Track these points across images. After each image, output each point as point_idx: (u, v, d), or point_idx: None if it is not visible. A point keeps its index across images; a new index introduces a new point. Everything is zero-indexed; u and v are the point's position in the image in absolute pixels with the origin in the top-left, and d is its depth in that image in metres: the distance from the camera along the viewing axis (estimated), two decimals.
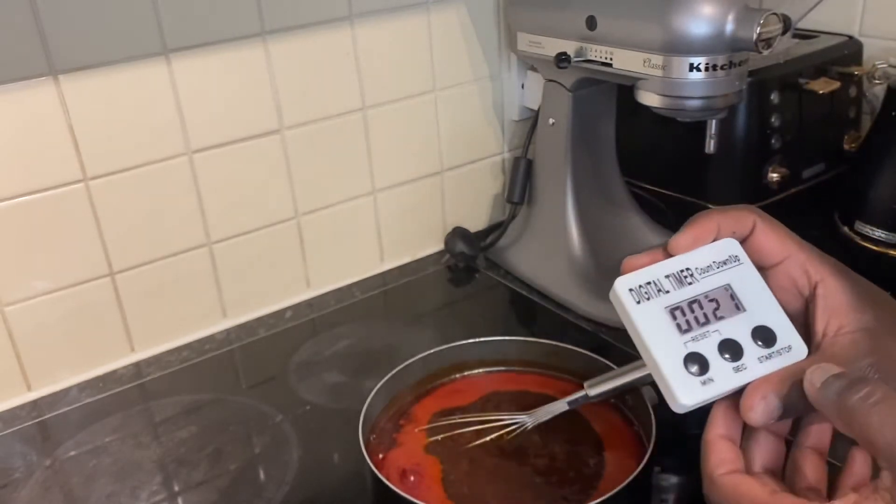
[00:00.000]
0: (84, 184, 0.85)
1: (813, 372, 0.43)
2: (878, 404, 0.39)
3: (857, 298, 0.48)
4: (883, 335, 0.46)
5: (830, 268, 0.49)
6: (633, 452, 0.65)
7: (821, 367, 0.43)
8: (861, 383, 0.40)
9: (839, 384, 0.41)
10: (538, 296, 1.00)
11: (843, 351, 0.46)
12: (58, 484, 0.75)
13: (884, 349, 0.45)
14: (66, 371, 0.90)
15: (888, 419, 0.38)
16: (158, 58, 0.85)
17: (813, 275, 0.50)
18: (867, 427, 0.39)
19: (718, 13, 0.76)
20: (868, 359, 0.45)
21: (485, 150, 1.15)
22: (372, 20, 0.97)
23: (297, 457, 0.76)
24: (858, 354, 0.45)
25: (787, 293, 0.50)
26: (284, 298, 1.03)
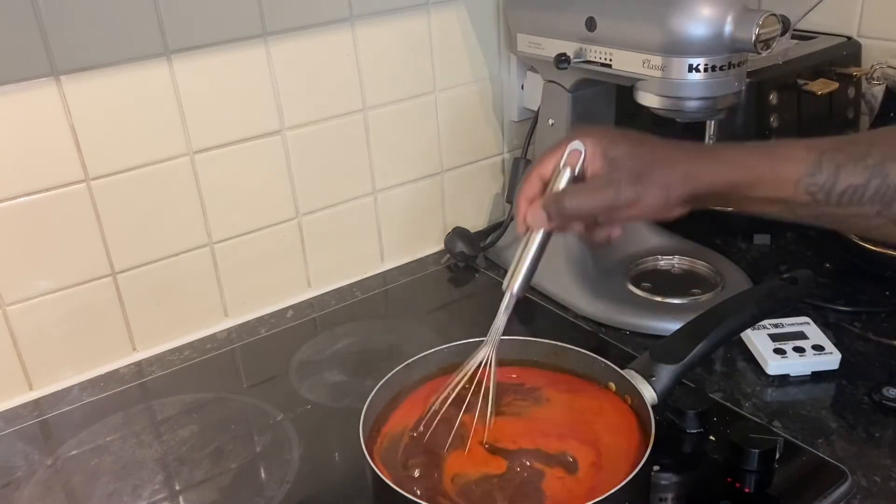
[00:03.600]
0: (86, 184, 0.85)
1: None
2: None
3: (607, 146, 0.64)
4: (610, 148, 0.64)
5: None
6: (632, 451, 0.65)
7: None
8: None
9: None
10: (538, 296, 1.00)
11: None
12: (59, 483, 0.75)
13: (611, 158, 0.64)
14: (67, 370, 0.90)
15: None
16: (160, 59, 0.85)
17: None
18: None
19: (717, 14, 0.76)
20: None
21: (485, 150, 1.15)
22: (372, 21, 0.98)
23: (298, 455, 0.76)
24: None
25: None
26: (285, 298, 1.03)
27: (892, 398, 0.76)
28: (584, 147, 0.64)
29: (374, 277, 1.09)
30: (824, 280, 0.97)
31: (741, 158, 0.62)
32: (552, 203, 0.63)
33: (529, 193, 0.66)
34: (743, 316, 0.74)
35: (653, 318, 0.90)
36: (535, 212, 0.64)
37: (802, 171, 0.59)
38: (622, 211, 0.63)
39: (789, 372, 0.81)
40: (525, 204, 0.66)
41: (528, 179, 0.66)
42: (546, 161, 0.66)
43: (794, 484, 0.69)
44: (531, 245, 0.66)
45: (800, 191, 0.60)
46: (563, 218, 0.64)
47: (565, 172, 0.64)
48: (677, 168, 0.62)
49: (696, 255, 1.01)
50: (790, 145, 0.62)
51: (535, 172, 0.66)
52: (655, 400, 0.67)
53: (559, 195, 0.64)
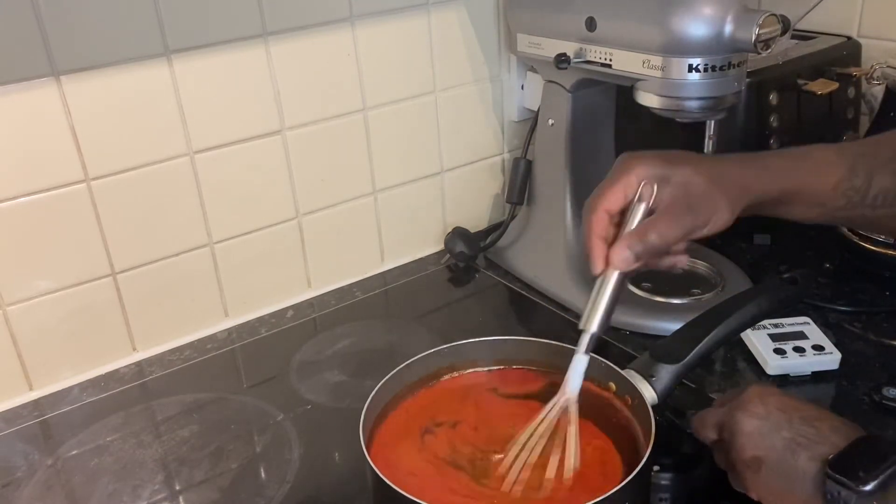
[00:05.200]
0: (86, 184, 0.85)
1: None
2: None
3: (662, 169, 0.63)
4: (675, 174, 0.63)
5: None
6: (632, 451, 0.65)
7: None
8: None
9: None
10: (538, 295, 1.01)
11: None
12: (60, 483, 0.75)
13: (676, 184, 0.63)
14: (67, 370, 0.90)
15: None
16: (160, 59, 0.85)
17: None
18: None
19: (717, 14, 0.76)
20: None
21: (485, 150, 1.15)
22: (372, 21, 0.98)
23: (298, 455, 0.76)
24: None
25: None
26: (286, 298, 1.03)
27: (892, 398, 0.76)
28: (654, 180, 0.62)
29: (374, 277, 1.09)
30: (824, 280, 0.97)
31: (785, 166, 0.65)
32: (638, 241, 0.61)
33: (601, 231, 0.64)
34: (743, 316, 0.74)
35: (653, 318, 0.90)
36: (621, 252, 0.62)
37: (840, 175, 0.63)
38: (697, 233, 0.63)
39: (789, 372, 0.81)
40: (599, 242, 0.63)
41: (596, 217, 0.64)
42: (610, 195, 0.63)
43: None
44: (609, 284, 0.63)
45: (838, 195, 0.63)
46: (651, 253, 0.62)
47: (640, 208, 0.62)
48: (736, 181, 0.63)
49: (696, 255, 1.01)
50: (824, 150, 0.65)
51: (601, 209, 0.63)
52: (655, 400, 0.67)
53: (643, 231, 0.62)
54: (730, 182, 0.63)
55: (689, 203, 0.62)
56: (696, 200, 0.62)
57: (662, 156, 0.64)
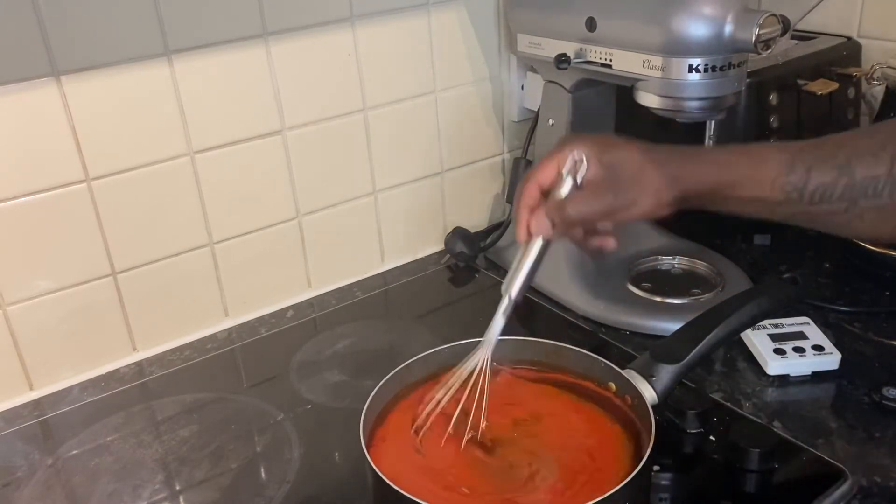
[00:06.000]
0: (86, 184, 0.85)
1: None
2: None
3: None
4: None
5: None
6: (632, 451, 0.65)
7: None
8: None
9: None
10: (538, 295, 1.01)
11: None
12: (60, 483, 0.75)
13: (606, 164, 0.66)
14: (68, 370, 0.90)
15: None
16: (160, 59, 0.85)
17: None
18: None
19: (717, 14, 0.76)
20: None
21: (485, 150, 1.15)
22: (373, 21, 0.98)
23: (298, 455, 0.76)
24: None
25: None
26: (286, 298, 1.03)
27: (892, 398, 0.76)
28: (584, 156, 0.65)
29: (374, 277, 1.09)
30: (824, 280, 0.97)
31: (724, 159, 0.67)
32: (555, 211, 0.65)
33: (529, 201, 0.67)
34: (743, 316, 0.74)
35: (653, 318, 0.90)
36: (539, 220, 0.65)
37: (777, 170, 0.63)
38: (619, 214, 0.66)
39: (789, 372, 0.81)
40: (525, 212, 0.67)
41: (527, 187, 0.67)
42: (544, 168, 0.67)
43: (794, 484, 0.69)
44: (531, 251, 0.66)
45: (776, 190, 0.64)
46: (566, 225, 0.65)
47: (567, 181, 0.65)
48: (667, 170, 0.65)
49: (696, 255, 1.01)
50: (765, 147, 0.66)
51: (533, 180, 0.67)
52: (655, 400, 0.67)
53: (562, 203, 0.65)
54: (661, 170, 0.65)
55: (612, 184, 0.65)
56: (620, 182, 0.65)
57: (601, 139, 0.67)
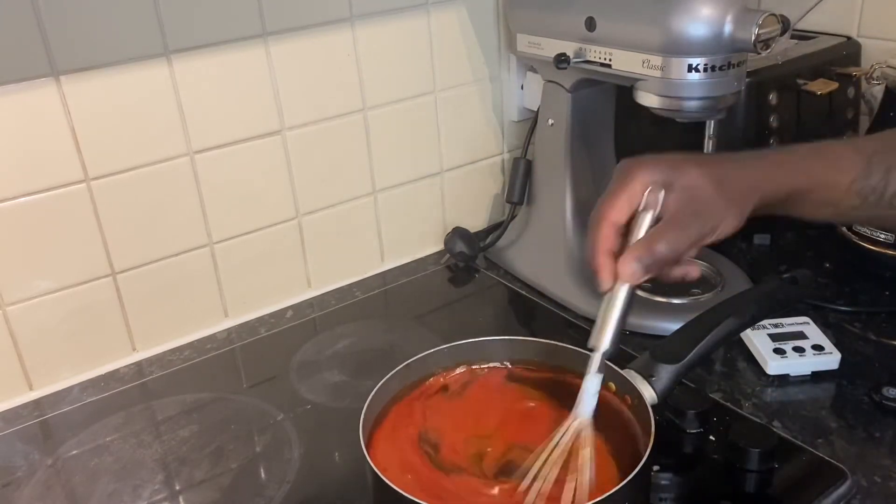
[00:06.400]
0: (86, 184, 0.85)
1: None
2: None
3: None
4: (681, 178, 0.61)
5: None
6: (632, 451, 0.65)
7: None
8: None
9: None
10: (538, 295, 1.01)
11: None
12: (60, 483, 0.75)
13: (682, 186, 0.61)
14: (67, 370, 0.90)
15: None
16: (160, 59, 0.85)
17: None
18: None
19: (717, 14, 0.76)
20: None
21: (484, 150, 1.15)
22: (372, 22, 0.98)
23: (298, 455, 0.76)
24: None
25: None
26: (285, 298, 1.03)
27: (892, 398, 0.76)
28: (659, 186, 0.60)
29: (374, 277, 1.09)
30: (824, 280, 0.97)
31: (796, 165, 0.63)
32: (646, 252, 0.59)
33: (608, 246, 0.61)
34: (743, 316, 0.74)
35: (653, 318, 0.90)
36: (629, 265, 0.59)
37: (854, 174, 0.60)
38: (706, 239, 0.61)
39: (789, 372, 0.81)
40: (607, 258, 0.61)
41: (601, 230, 0.61)
42: (615, 206, 0.61)
43: (793, 484, 0.69)
44: (618, 298, 0.61)
45: (852, 194, 0.61)
46: (660, 265, 0.60)
47: (646, 217, 0.60)
48: (744, 182, 0.61)
49: (696, 255, 1.01)
50: (839, 147, 0.63)
51: (606, 221, 0.61)
52: (655, 400, 0.67)
53: (650, 243, 0.59)
54: (737, 184, 0.61)
55: (695, 209, 0.60)
56: (703, 206, 0.60)
57: (665, 160, 0.62)
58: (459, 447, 0.67)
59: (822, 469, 0.69)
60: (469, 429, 0.69)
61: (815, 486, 0.67)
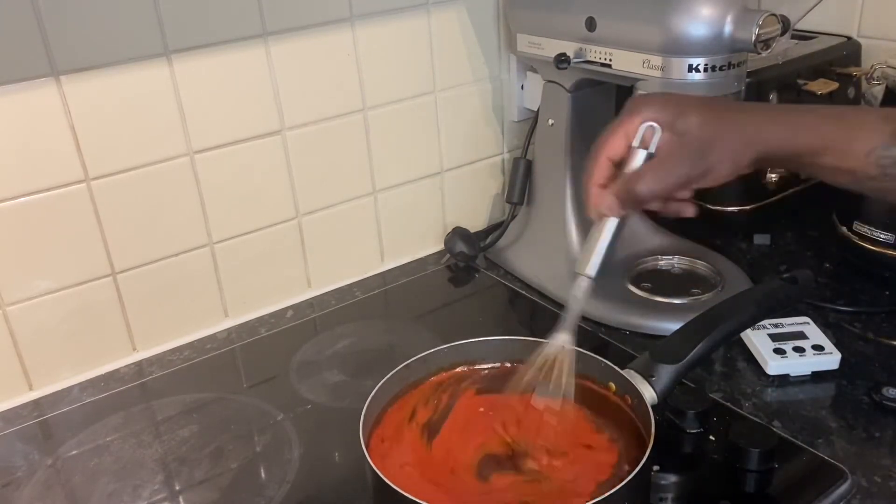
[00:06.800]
0: (86, 184, 0.85)
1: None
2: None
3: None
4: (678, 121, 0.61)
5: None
6: (632, 451, 0.65)
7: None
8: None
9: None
10: (538, 295, 1.01)
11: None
12: (59, 483, 0.75)
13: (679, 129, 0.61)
14: (67, 370, 0.90)
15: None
16: (160, 59, 0.85)
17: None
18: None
19: (717, 14, 0.76)
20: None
21: (485, 150, 1.15)
22: (372, 22, 0.98)
23: (298, 455, 0.76)
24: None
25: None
26: (285, 298, 1.03)
27: (892, 398, 0.76)
28: (655, 124, 0.61)
29: (374, 277, 1.09)
30: (824, 280, 0.97)
31: (812, 123, 0.61)
32: (625, 190, 0.61)
33: (600, 178, 0.63)
34: (743, 316, 0.74)
35: (653, 318, 0.90)
36: (608, 199, 0.62)
37: (876, 142, 0.57)
38: (695, 183, 0.62)
39: (789, 372, 0.81)
40: (596, 189, 0.63)
41: (597, 162, 0.63)
42: (612, 140, 0.63)
43: (793, 484, 0.69)
44: (605, 230, 0.63)
45: (870, 163, 0.58)
46: (637, 203, 0.62)
47: (639, 153, 0.61)
48: (744, 131, 0.60)
49: (696, 255, 1.01)
50: (865, 113, 0.60)
51: (602, 153, 0.63)
52: (655, 400, 0.67)
53: (631, 181, 0.61)
54: (739, 132, 0.60)
55: (686, 152, 0.60)
56: (693, 151, 0.60)
57: (673, 100, 0.63)
58: (459, 447, 0.67)
59: (822, 469, 0.69)
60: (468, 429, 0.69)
61: (815, 486, 0.67)
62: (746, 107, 0.63)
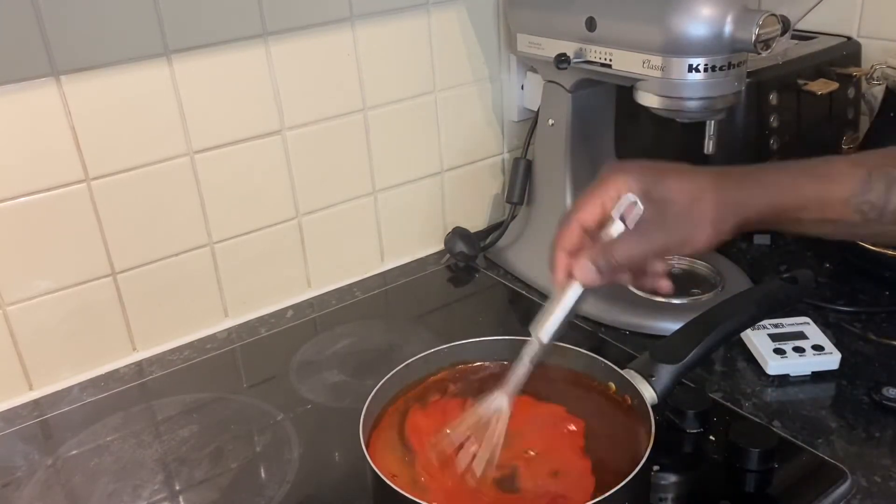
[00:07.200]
0: (86, 184, 0.85)
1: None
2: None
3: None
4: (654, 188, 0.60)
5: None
6: (632, 451, 0.65)
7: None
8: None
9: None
10: (538, 295, 1.01)
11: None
12: (59, 483, 0.75)
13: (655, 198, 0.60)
14: (67, 370, 0.90)
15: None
16: (160, 59, 0.85)
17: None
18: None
19: (717, 14, 0.76)
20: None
21: (485, 150, 1.15)
22: (372, 21, 0.98)
23: (298, 455, 0.76)
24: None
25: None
26: (285, 298, 1.03)
27: (892, 398, 0.76)
28: (637, 198, 0.59)
29: (374, 277, 1.09)
30: (824, 280, 0.97)
31: (786, 181, 0.61)
32: (601, 257, 0.59)
33: (568, 244, 0.62)
34: (743, 316, 0.74)
35: (653, 318, 0.90)
36: (583, 266, 0.60)
37: (851, 189, 0.58)
38: (672, 252, 0.61)
39: (789, 372, 0.81)
40: (563, 255, 0.62)
41: (567, 227, 0.62)
42: (587, 207, 0.61)
43: (793, 484, 0.69)
44: (568, 296, 0.62)
45: (850, 210, 0.58)
46: (613, 270, 0.60)
47: (617, 224, 0.60)
48: (724, 199, 0.60)
49: (696, 255, 1.01)
50: (835, 163, 0.60)
51: (574, 220, 0.62)
52: (655, 400, 0.67)
53: (608, 247, 0.60)
54: (714, 203, 0.59)
55: (663, 221, 0.59)
56: (672, 221, 0.59)
57: (650, 168, 0.61)
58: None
59: (822, 469, 0.69)
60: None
61: (815, 486, 0.68)
62: (722, 172, 0.62)
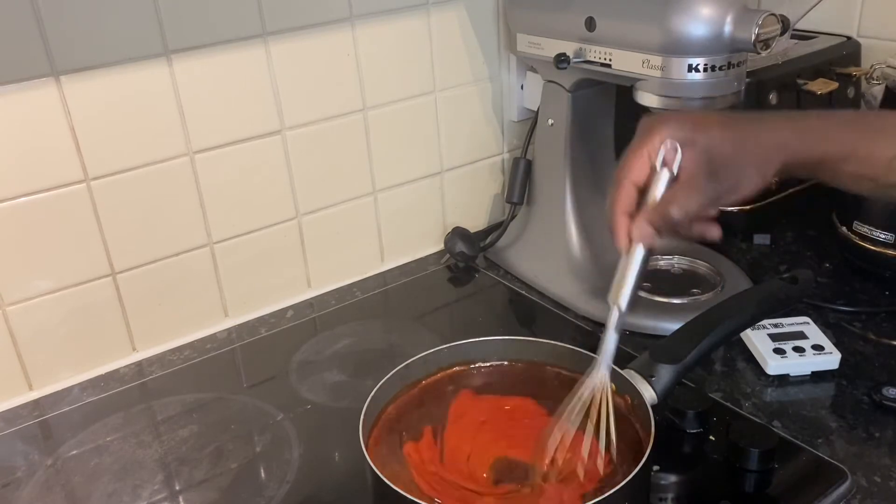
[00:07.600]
0: (86, 184, 0.85)
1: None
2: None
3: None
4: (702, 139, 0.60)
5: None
6: (632, 451, 0.65)
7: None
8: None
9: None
10: (538, 295, 1.01)
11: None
12: (59, 483, 0.75)
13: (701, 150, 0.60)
14: (67, 370, 0.90)
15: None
16: (160, 59, 0.85)
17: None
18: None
19: (717, 14, 0.76)
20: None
21: (484, 150, 1.15)
22: (372, 21, 0.98)
23: (298, 455, 0.76)
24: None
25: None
26: (285, 298, 1.03)
27: (892, 398, 0.76)
28: (679, 143, 0.59)
29: (374, 277, 1.09)
30: (824, 280, 0.97)
31: (831, 130, 0.60)
32: (659, 215, 0.59)
33: (627, 205, 0.61)
34: (743, 316, 0.74)
35: (653, 318, 0.90)
36: (642, 227, 0.60)
37: None
38: (724, 200, 0.60)
39: (789, 372, 0.81)
40: (623, 217, 0.61)
41: (622, 189, 0.61)
42: (635, 164, 0.61)
43: (793, 484, 0.69)
44: (635, 258, 0.62)
45: (893, 169, 0.57)
46: (671, 228, 0.59)
47: (663, 174, 0.60)
48: (767, 143, 0.59)
49: (696, 255, 1.01)
50: (886, 118, 0.60)
51: (626, 180, 0.61)
52: (655, 400, 0.67)
53: (664, 205, 0.59)
54: (759, 146, 0.59)
55: (712, 171, 0.59)
56: (720, 168, 0.59)
57: (689, 117, 0.61)
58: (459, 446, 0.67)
59: (822, 469, 0.69)
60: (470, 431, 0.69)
61: (815, 486, 0.68)
62: (766, 117, 0.61)
